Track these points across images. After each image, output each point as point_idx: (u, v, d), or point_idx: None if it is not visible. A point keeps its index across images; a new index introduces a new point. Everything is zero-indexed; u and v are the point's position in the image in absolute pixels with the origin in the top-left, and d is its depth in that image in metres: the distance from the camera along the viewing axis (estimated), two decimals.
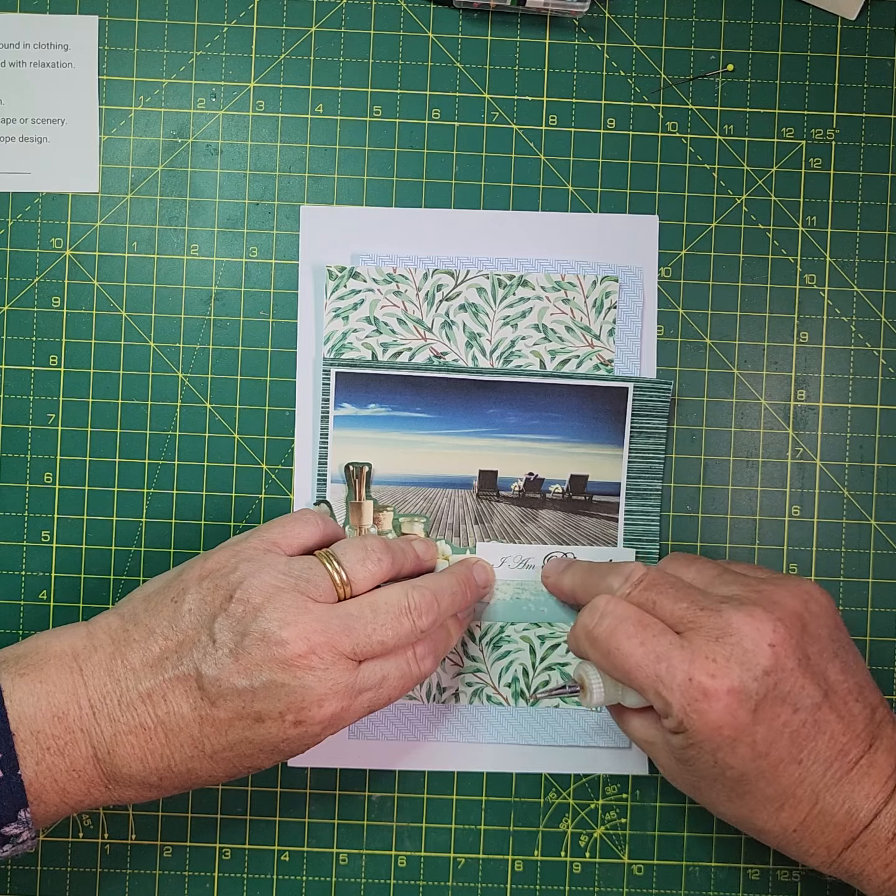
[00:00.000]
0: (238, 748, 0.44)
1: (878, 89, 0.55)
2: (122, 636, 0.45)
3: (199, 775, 0.45)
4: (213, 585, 0.45)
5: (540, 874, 0.55)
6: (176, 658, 0.44)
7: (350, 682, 0.45)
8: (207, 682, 0.43)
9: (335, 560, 0.46)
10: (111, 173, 0.55)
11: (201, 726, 0.44)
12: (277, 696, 0.43)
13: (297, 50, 0.55)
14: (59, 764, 0.43)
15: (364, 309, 0.54)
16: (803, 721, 0.43)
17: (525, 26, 0.55)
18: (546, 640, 0.55)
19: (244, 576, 0.44)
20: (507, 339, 0.55)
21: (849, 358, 0.55)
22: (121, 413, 0.55)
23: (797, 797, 0.44)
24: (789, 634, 0.44)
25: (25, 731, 0.43)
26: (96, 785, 0.44)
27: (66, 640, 0.45)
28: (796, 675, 0.43)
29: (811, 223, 0.56)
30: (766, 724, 0.43)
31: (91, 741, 0.43)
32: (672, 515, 0.55)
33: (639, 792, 0.55)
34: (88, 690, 0.44)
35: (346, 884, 0.55)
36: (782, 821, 0.45)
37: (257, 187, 0.55)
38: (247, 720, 0.44)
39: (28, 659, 0.44)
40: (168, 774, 0.45)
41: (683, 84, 0.55)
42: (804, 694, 0.43)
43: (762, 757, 0.43)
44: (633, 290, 0.55)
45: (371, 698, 0.46)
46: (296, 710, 0.44)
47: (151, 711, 0.44)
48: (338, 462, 0.54)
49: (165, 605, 0.45)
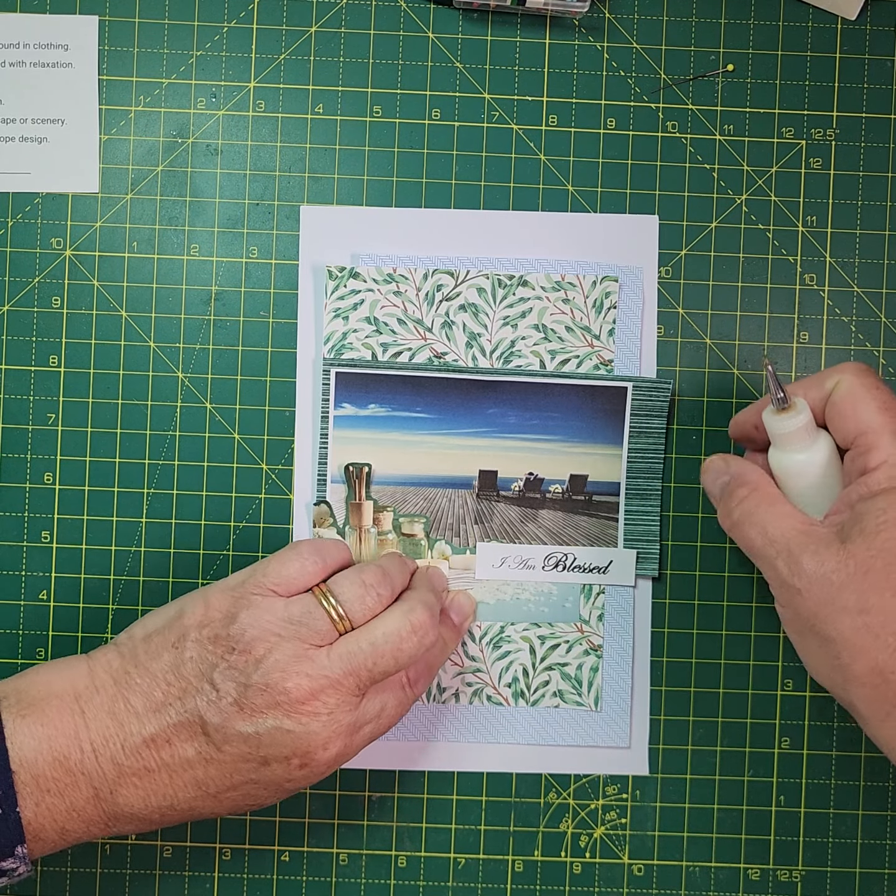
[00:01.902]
0: (242, 788, 0.45)
1: (878, 89, 0.55)
2: (124, 678, 0.45)
3: (201, 812, 0.45)
4: (213, 635, 0.45)
5: (540, 874, 0.55)
6: (179, 704, 0.44)
7: (352, 720, 0.45)
8: (212, 729, 0.44)
9: (333, 597, 0.46)
10: (111, 173, 0.55)
11: (206, 768, 0.44)
12: (283, 742, 0.44)
13: (297, 50, 0.55)
14: (59, 805, 0.43)
15: (364, 309, 0.54)
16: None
17: (525, 26, 0.55)
18: (546, 640, 0.55)
19: (244, 627, 0.44)
20: (507, 339, 0.55)
21: (849, 358, 0.55)
22: (121, 413, 0.55)
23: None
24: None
25: (26, 775, 0.43)
26: (96, 823, 0.44)
27: (67, 678, 0.45)
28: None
29: (811, 223, 0.56)
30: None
31: (92, 783, 0.44)
32: (672, 515, 0.55)
33: (639, 792, 0.55)
34: (91, 733, 0.44)
35: (346, 884, 0.55)
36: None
37: (257, 187, 0.55)
38: (252, 763, 0.44)
39: (29, 699, 0.44)
40: (170, 812, 0.45)
41: (683, 84, 0.55)
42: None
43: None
44: (633, 290, 0.55)
45: (371, 730, 0.47)
46: (301, 754, 0.44)
47: (156, 755, 0.44)
48: (338, 462, 0.54)
49: (166, 650, 0.45)
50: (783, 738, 0.55)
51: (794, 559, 0.44)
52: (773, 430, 0.47)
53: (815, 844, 0.55)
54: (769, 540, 0.45)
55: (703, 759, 0.55)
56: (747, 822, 0.55)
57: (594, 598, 0.55)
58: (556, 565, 0.54)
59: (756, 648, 0.55)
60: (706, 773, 0.55)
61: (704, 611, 0.55)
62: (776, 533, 0.45)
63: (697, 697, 0.55)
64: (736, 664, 0.55)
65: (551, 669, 0.55)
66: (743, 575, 0.55)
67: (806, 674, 0.55)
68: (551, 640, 0.55)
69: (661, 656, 0.55)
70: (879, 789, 0.55)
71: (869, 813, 0.55)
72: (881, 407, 0.45)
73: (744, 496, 0.47)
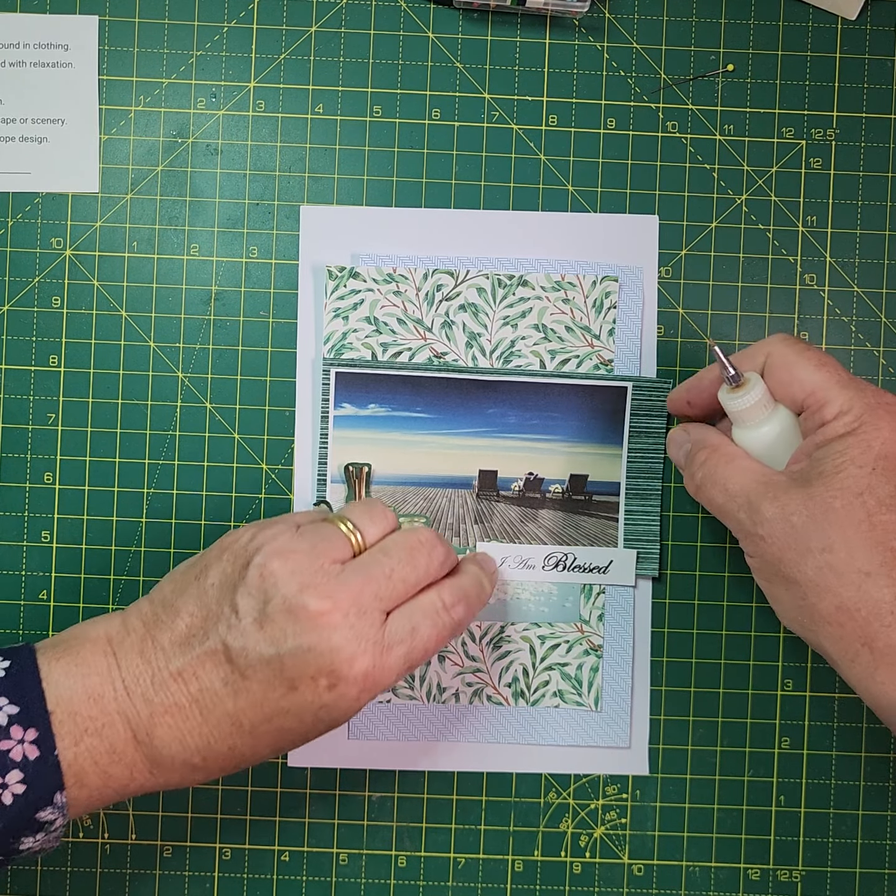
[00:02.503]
0: (276, 721, 0.44)
1: (878, 89, 0.55)
2: (153, 619, 0.45)
3: (242, 753, 0.45)
4: (232, 557, 0.45)
5: (540, 874, 0.55)
6: (202, 634, 0.44)
7: (377, 637, 0.44)
8: (235, 654, 0.43)
9: (346, 519, 0.46)
10: (111, 173, 0.55)
11: (235, 701, 0.43)
12: (306, 660, 0.43)
13: (297, 50, 0.55)
14: (99, 746, 0.43)
15: (364, 309, 0.54)
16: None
17: (525, 26, 0.55)
18: (546, 640, 0.55)
19: (261, 544, 0.45)
20: (506, 339, 0.55)
21: (849, 358, 0.55)
22: (121, 413, 0.55)
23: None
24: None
25: (63, 713, 0.43)
26: (139, 768, 0.44)
27: (101, 626, 0.46)
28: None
29: (811, 223, 0.56)
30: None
31: (129, 723, 0.43)
32: (672, 515, 0.55)
33: (639, 792, 0.55)
34: (122, 672, 0.44)
35: (346, 884, 0.55)
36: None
37: (257, 187, 0.55)
38: (280, 689, 0.43)
39: (64, 644, 0.45)
40: (210, 754, 0.44)
41: (683, 84, 0.55)
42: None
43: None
44: (633, 290, 0.55)
45: (405, 653, 0.45)
46: (327, 672, 0.43)
47: (184, 689, 0.44)
48: (338, 462, 0.54)
49: (190, 584, 0.45)
50: (783, 738, 0.55)
51: (754, 508, 0.45)
52: (731, 408, 0.47)
53: (815, 844, 0.55)
54: (730, 495, 0.46)
55: (703, 759, 0.55)
56: (747, 822, 0.55)
57: (594, 597, 0.55)
58: (556, 565, 0.54)
59: (756, 648, 0.55)
60: (706, 773, 0.55)
61: (704, 611, 0.55)
62: (736, 487, 0.46)
63: (697, 697, 0.55)
64: (736, 664, 0.55)
65: (551, 669, 0.55)
66: (743, 575, 0.55)
67: (806, 674, 0.55)
68: (551, 640, 0.55)
69: (661, 656, 0.55)
70: (879, 789, 0.55)
71: (869, 813, 0.55)
72: (818, 365, 0.46)
73: (704, 459, 0.48)
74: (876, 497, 0.43)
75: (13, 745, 0.42)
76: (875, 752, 0.55)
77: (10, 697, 0.43)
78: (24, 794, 0.42)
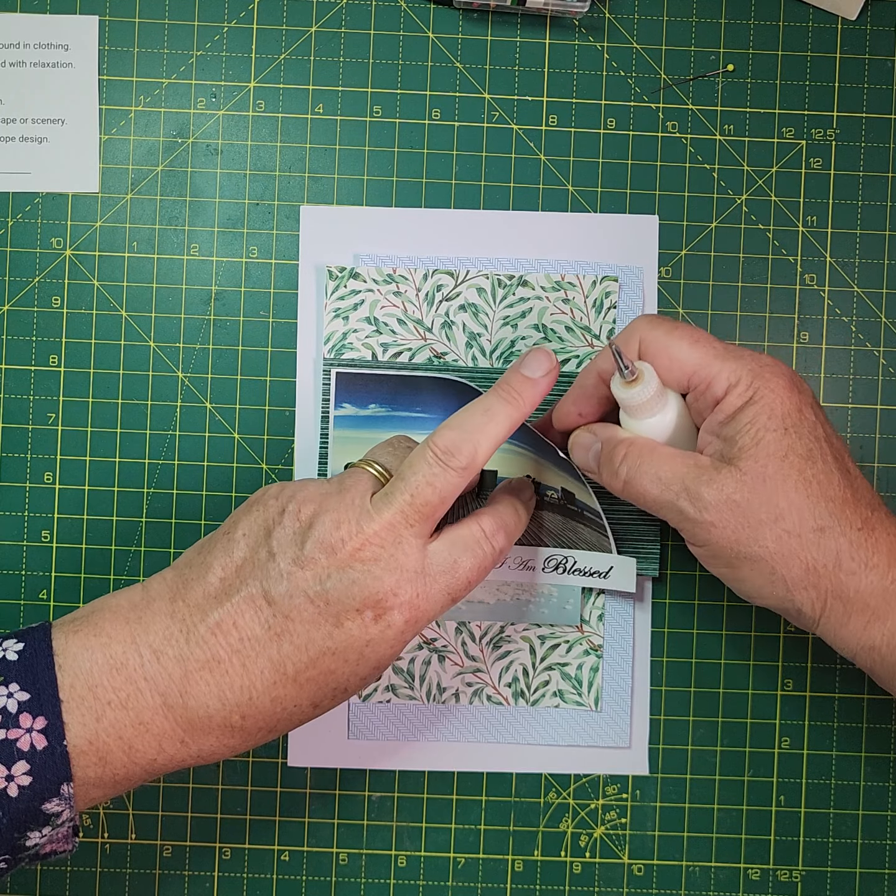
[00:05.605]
0: (321, 664, 0.43)
1: (878, 89, 0.55)
2: (180, 581, 0.44)
3: (284, 706, 0.43)
4: (262, 507, 0.44)
5: (540, 874, 0.55)
6: (238, 582, 0.43)
7: (418, 565, 0.44)
8: (277, 596, 0.42)
9: (366, 459, 0.46)
10: (111, 173, 0.55)
11: (279, 645, 0.43)
12: (350, 593, 0.42)
13: (297, 50, 0.55)
14: (124, 718, 0.42)
15: (364, 309, 0.54)
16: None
17: (525, 26, 0.55)
18: (546, 640, 0.55)
19: (293, 492, 0.44)
20: (506, 339, 0.55)
21: (849, 358, 0.55)
22: (121, 413, 0.55)
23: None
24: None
25: (82, 687, 0.42)
26: (169, 738, 0.42)
27: (121, 596, 0.44)
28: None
29: (811, 223, 0.56)
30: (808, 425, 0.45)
31: (158, 689, 0.42)
32: None
33: (639, 792, 0.55)
34: (149, 637, 0.43)
35: (346, 884, 0.55)
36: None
37: (257, 187, 0.55)
38: (325, 627, 0.43)
39: (82, 617, 0.44)
40: (250, 711, 0.43)
41: (683, 84, 0.55)
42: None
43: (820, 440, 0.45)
44: (633, 290, 0.55)
45: (448, 584, 0.44)
46: (372, 603, 0.43)
47: (223, 641, 0.42)
48: (338, 462, 0.54)
49: (219, 541, 0.44)
50: (783, 738, 0.55)
51: (694, 494, 0.45)
52: (628, 402, 0.46)
53: (815, 844, 0.55)
54: (664, 484, 0.45)
55: (703, 759, 0.55)
56: (747, 822, 0.55)
57: (594, 597, 0.55)
58: (557, 567, 0.54)
59: (756, 648, 0.55)
60: (706, 773, 0.55)
61: (704, 611, 0.55)
62: (668, 475, 0.45)
63: (697, 697, 0.55)
64: (736, 664, 0.55)
65: (551, 669, 0.55)
66: None
67: (806, 674, 0.55)
68: (551, 639, 0.55)
69: (661, 656, 0.55)
70: (879, 789, 0.55)
71: (869, 813, 0.55)
72: (691, 342, 0.46)
73: (623, 453, 0.47)
74: (798, 454, 0.44)
75: (21, 734, 0.41)
76: (875, 752, 0.55)
77: (21, 683, 0.41)
78: (31, 786, 0.41)
